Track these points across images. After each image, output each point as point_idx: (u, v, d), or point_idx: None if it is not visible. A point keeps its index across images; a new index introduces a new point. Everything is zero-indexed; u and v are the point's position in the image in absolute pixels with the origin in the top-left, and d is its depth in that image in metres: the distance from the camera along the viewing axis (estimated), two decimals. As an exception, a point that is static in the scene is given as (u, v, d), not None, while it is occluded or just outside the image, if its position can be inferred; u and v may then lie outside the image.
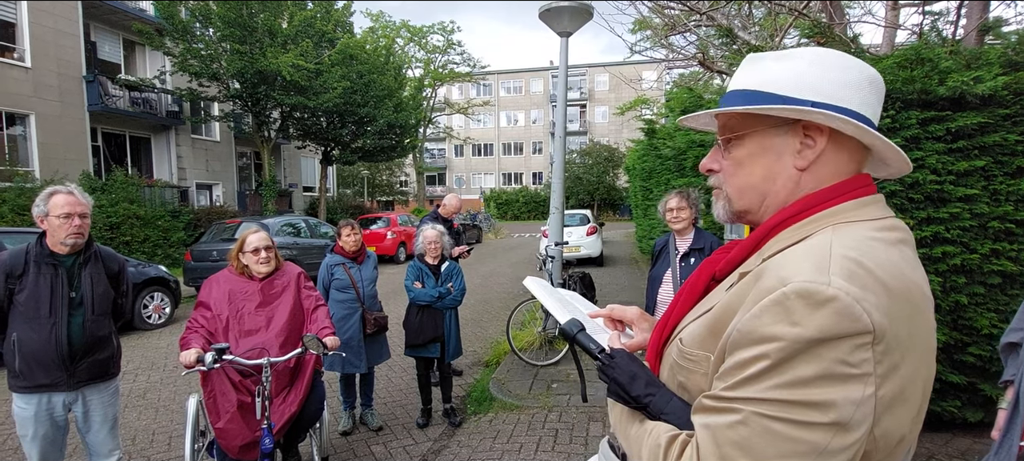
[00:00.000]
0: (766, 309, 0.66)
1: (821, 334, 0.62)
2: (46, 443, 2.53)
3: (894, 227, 0.76)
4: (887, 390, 0.64)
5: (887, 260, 0.69)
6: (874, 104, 0.79)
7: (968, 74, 3.15)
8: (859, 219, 0.75)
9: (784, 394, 0.63)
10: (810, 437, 0.62)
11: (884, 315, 0.64)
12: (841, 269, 0.65)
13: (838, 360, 0.62)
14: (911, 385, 0.67)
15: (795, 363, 0.63)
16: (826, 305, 0.63)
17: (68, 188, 2.49)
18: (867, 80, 0.78)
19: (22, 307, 2.42)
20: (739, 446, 0.65)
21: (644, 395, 0.84)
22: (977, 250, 3.28)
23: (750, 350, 0.67)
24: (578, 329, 1.01)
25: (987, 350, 3.31)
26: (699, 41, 7.61)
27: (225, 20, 15.43)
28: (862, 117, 0.77)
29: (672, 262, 3.23)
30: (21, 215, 11.20)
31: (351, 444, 3.93)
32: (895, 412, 0.66)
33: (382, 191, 43.74)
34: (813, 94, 0.77)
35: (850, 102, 0.77)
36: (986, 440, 3.38)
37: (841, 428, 0.62)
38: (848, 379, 0.62)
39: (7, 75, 13.50)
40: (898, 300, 0.66)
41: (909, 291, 0.68)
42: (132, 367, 5.82)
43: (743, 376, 0.67)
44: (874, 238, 0.72)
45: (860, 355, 0.62)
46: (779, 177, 0.81)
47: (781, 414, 0.63)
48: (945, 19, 5.00)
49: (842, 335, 0.62)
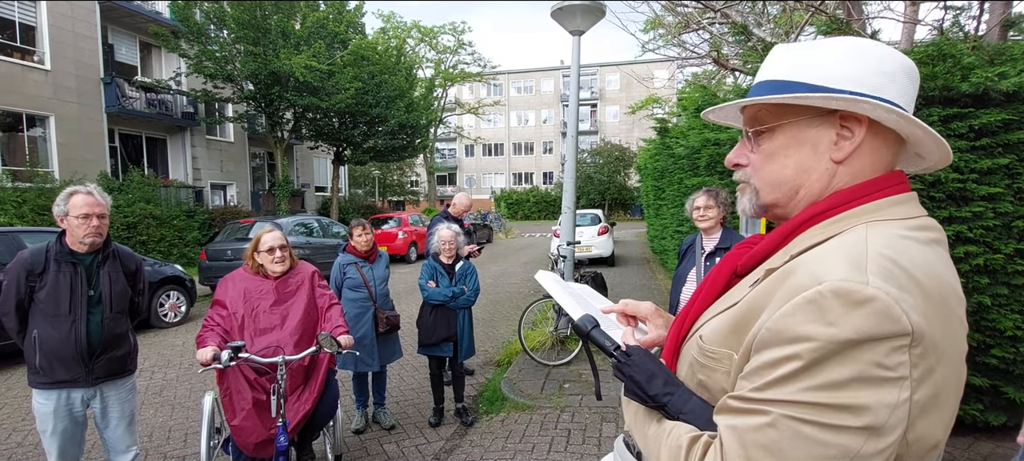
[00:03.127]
0: (799, 307, 0.64)
1: (858, 335, 0.60)
2: (65, 438, 2.57)
3: (927, 226, 0.74)
4: (922, 394, 0.62)
5: (923, 260, 0.67)
6: (911, 94, 0.77)
7: (991, 70, 3.08)
8: (893, 217, 0.72)
9: (816, 397, 0.61)
10: (842, 441, 0.60)
11: (922, 316, 0.61)
12: (878, 268, 0.63)
13: (874, 363, 0.60)
14: (945, 389, 0.64)
15: (829, 364, 0.61)
16: (865, 305, 0.60)
17: (87, 188, 2.53)
18: (903, 70, 0.76)
19: (42, 305, 2.46)
20: (767, 449, 0.63)
21: (663, 394, 0.81)
22: (1001, 250, 3.20)
23: (781, 350, 0.64)
24: (593, 325, 0.98)
25: (1011, 352, 3.24)
26: (712, 39, 7.54)
27: (239, 22, 15.61)
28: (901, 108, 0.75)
29: (697, 261, 3.20)
30: (41, 215, 11.42)
31: (364, 442, 3.95)
32: (929, 417, 0.63)
33: (393, 191, 43.98)
34: (851, 84, 0.74)
35: (888, 92, 0.74)
36: (1010, 444, 3.30)
37: (874, 432, 0.60)
38: (883, 382, 0.60)
39: (28, 77, 13.78)
40: (934, 301, 0.64)
41: (944, 292, 0.66)
42: (149, 364, 5.90)
43: (773, 377, 0.64)
44: (908, 237, 0.69)
45: (897, 358, 0.60)
46: (814, 170, 0.78)
47: (812, 417, 0.61)
48: (967, 14, 4.90)
49: (880, 337, 0.60)
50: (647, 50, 10.58)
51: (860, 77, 0.74)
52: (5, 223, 10.48)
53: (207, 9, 15.94)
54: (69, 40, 14.68)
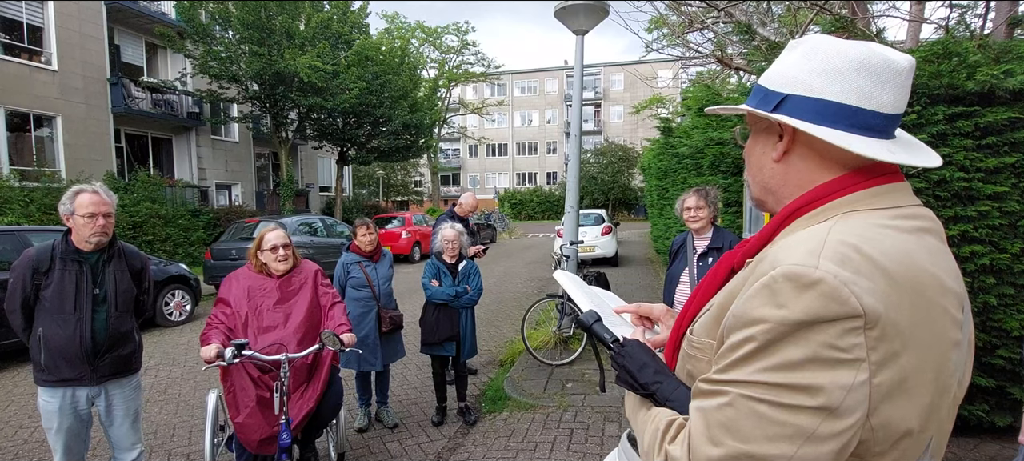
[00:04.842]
0: (756, 292, 0.67)
1: (807, 316, 0.62)
2: (70, 436, 2.58)
3: (915, 216, 0.74)
4: (884, 378, 0.62)
5: (894, 248, 0.67)
6: (868, 89, 0.73)
7: (998, 68, 3.06)
8: (873, 208, 0.73)
9: (771, 377, 0.63)
10: (797, 420, 0.62)
11: (879, 300, 0.62)
12: (833, 253, 0.65)
13: (826, 344, 0.61)
14: (917, 376, 0.64)
15: (783, 346, 0.63)
16: (813, 287, 0.62)
17: (93, 187, 2.54)
18: (856, 66, 0.73)
19: (48, 303, 2.48)
20: (726, 428, 0.65)
21: (652, 382, 0.86)
22: (1007, 249, 3.18)
23: (740, 333, 0.67)
24: (594, 319, 1.03)
25: (1017, 353, 3.21)
26: (716, 38, 7.52)
27: (244, 23, 15.68)
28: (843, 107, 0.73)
29: (689, 261, 3.19)
30: (48, 214, 11.50)
31: (367, 441, 3.96)
32: (897, 403, 0.63)
33: (397, 191, 44.05)
34: (791, 86, 0.77)
35: (829, 91, 0.74)
36: (1015, 445, 3.28)
37: (830, 413, 0.61)
38: (838, 364, 0.61)
39: (35, 78, 13.88)
40: (901, 288, 0.64)
41: (919, 280, 0.66)
42: (154, 363, 5.93)
43: (733, 358, 0.67)
44: (885, 226, 0.70)
45: (851, 340, 0.61)
46: (766, 168, 0.83)
47: (768, 397, 0.63)
48: (973, 12, 4.86)
49: (829, 318, 0.61)
50: (651, 50, 10.55)
51: (798, 78, 0.77)
52: (12, 222, 10.56)
53: (212, 10, 16.02)
54: (76, 41, 14.78)
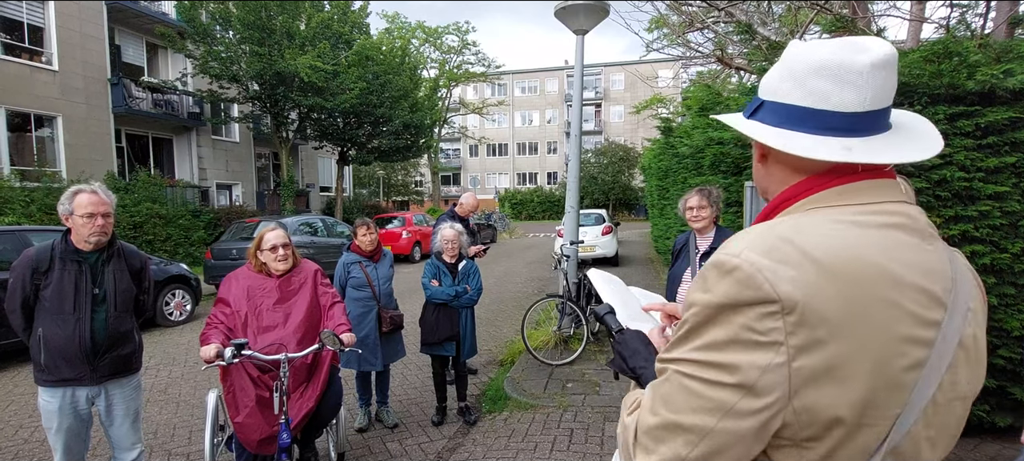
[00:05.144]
0: (696, 280, 0.74)
1: (726, 300, 0.67)
2: (71, 436, 2.58)
3: (886, 212, 0.73)
4: (805, 363, 0.65)
5: (837, 241, 0.69)
6: (826, 90, 0.74)
7: (998, 67, 3.06)
8: (838, 204, 0.74)
9: (699, 355, 0.69)
10: (718, 395, 0.67)
11: (800, 288, 0.65)
12: (762, 244, 0.69)
13: (745, 326, 0.66)
14: (849, 366, 0.65)
15: (709, 327, 0.69)
16: (731, 274, 0.67)
17: (92, 187, 2.54)
18: (814, 69, 0.75)
19: (48, 303, 2.48)
20: (663, 400, 0.72)
21: (639, 367, 0.93)
22: (1008, 249, 3.17)
23: (682, 316, 0.74)
24: (607, 311, 1.15)
25: (1017, 353, 3.21)
26: (717, 38, 7.51)
27: (244, 23, 15.68)
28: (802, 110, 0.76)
29: (692, 261, 3.18)
30: (49, 214, 11.51)
31: (367, 441, 3.95)
32: (823, 389, 0.65)
33: (397, 191, 44.06)
34: (766, 93, 0.81)
35: (790, 96, 0.77)
36: (1016, 446, 3.27)
37: (748, 391, 0.65)
38: (756, 345, 0.65)
39: (36, 78, 13.89)
40: (832, 278, 0.66)
41: (859, 272, 0.67)
42: (154, 363, 5.94)
43: (674, 339, 0.74)
44: (842, 220, 0.72)
45: (768, 324, 0.65)
46: (755, 169, 0.88)
47: (695, 372, 0.69)
48: (974, 12, 4.86)
49: (745, 302, 0.66)
50: (651, 50, 10.54)
51: (770, 85, 0.81)
52: (13, 222, 10.57)
53: (213, 10, 16.03)
54: (77, 41, 14.78)
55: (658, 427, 0.71)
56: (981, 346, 0.76)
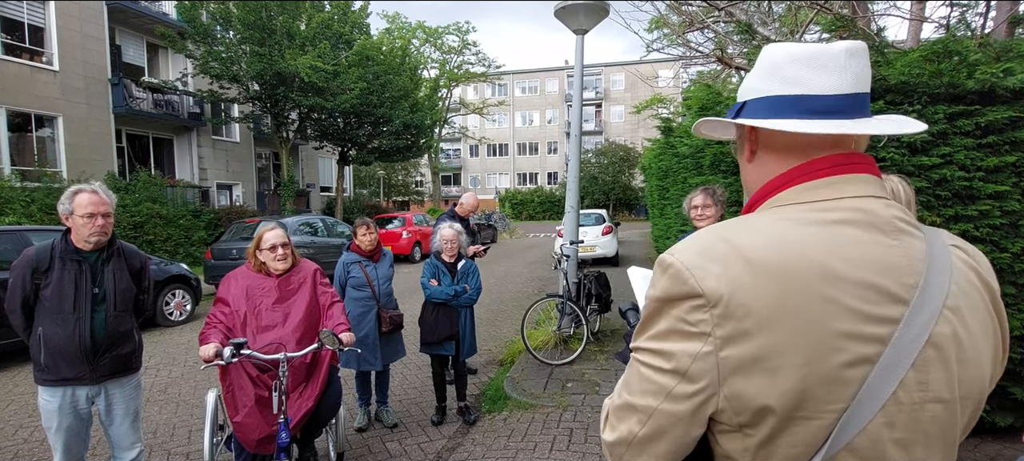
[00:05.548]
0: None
1: (664, 295, 0.74)
2: (70, 435, 2.58)
3: (841, 208, 0.74)
4: (732, 353, 0.69)
5: (773, 237, 0.72)
6: (804, 76, 0.77)
7: (998, 66, 3.05)
8: (795, 202, 0.77)
9: (648, 344, 0.77)
10: (660, 380, 0.74)
11: (725, 284, 0.69)
12: (698, 243, 0.75)
13: (679, 318, 0.72)
14: (777, 357, 0.67)
15: (655, 319, 0.76)
16: (666, 271, 0.75)
17: (92, 186, 2.54)
18: (789, 58, 0.79)
19: (47, 302, 2.48)
20: (626, 383, 0.80)
21: None
22: (1008, 249, 3.17)
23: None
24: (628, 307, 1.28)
25: (1018, 353, 3.20)
26: (717, 38, 7.51)
27: (245, 23, 15.69)
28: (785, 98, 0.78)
29: None
30: (50, 214, 11.52)
31: (366, 440, 3.95)
32: (751, 379, 0.68)
33: (398, 191, 44.06)
34: (746, 94, 0.84)
35: (770, 88, 0.80)
36: (1016, 446, 3.27)
37: (682, 376, 0.72)
38: (688, 336, 0.72)
39: (36, 78, 13.90)
40: (761, 273, 0.69)
41: (788, 267, 0.69)
42: (154, 362, 5.94)
43: (636, 330, 0.82)
44: (788, 218, 0.74)
45: (697, 315, 0.71)
46: (742, 169, 0.90)
47: (645, 359, 0.77)
48: (974, 11, 4.85)
49: (676, 296, 0.72)
50: (652, 50, 10.53)
51: (749, 85, 0.84)
52: (13, 222, 10.58)
53: (213, 10, 16.04)
54: (77, 41, 14.79)
55: (620, 407, 0.80)
56: (969, 347, 0.72)
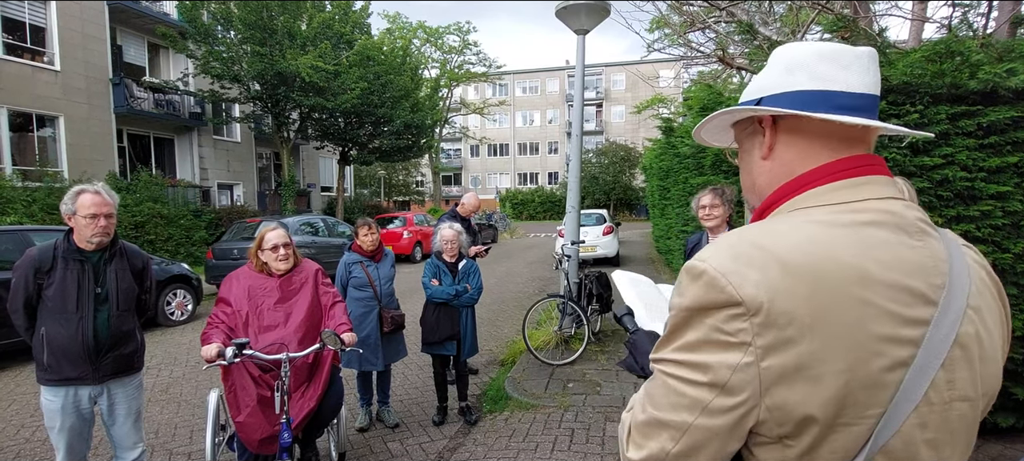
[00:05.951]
0: (675, 285, 0.77)
1: (695, 303, 0.70)
2: (73, 435, 2.59)
3: (867, 209, 0.73)
4: (775, 363, 0.66)
5: (804, 240, 0.69)
6: (832, 73, 0.77)
7: (1000, 67, 3.05)
8: (818, 204, 0.75)
9: (677, 355, 0.73)
10: (694, 393, 0.70)
11: (764, 291, 0.66)
12: (729, 248, 0.71)
13: (715, 328, 0.68)
14: (819, 364, 0.65)
15: (684, 329, 0.72)
16: (698, 278, 0.70)
17: (95, 187, 2.54)
18: (816, 56, 0.78)
19: (50, 302, 2.48)
20: (650, 398, 0.76)
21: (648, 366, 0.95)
22: (1010, 249, 3.17)
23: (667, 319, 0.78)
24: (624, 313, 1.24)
25: (1020, 353, 3.20)
26: (718, 38, 7.50)
27: (246, 23, 15.70)
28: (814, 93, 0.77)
29: None
30: (51, 214, 11.52)
31: (368, 440, 3.96)
32: (794, 388, 0.66)
33: (398, 191, 44.06)
34: (763, 92, 0.82)
35: (795, 84, 0.79)
36: (1018, 446, 3.27)
37: (721, 389, 0.68)
38: (726, 346, 0.68)
39: (38, 78, 13.92)
40: (798, 278, 0.66)
41: (824, 270, 0.67)
42: (156, 362, 5.94)
43: (660, 341, 0.78)
44: (816, 220, 0.72)
45: (736, 325, 0.67)
46: (755, 169, 0.87)
47: (673, 372, 0.73)
48: (976, 12, 4.85)
49: (712, 305, 0.68)
50: (653, 50, 10.52)
51: (764, 84, 0.82)
52: (15, 222, 10.59)
53: (214, 10, 16.05)
54: (78, 41, 14.81)
55: (646, 423, 0.75)
56: (988, 346, 0.74)
